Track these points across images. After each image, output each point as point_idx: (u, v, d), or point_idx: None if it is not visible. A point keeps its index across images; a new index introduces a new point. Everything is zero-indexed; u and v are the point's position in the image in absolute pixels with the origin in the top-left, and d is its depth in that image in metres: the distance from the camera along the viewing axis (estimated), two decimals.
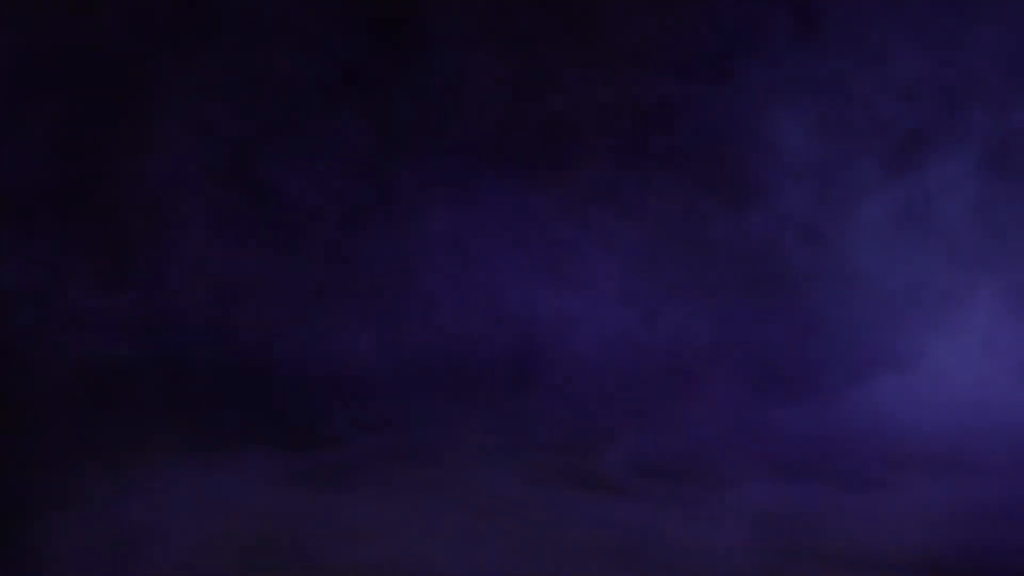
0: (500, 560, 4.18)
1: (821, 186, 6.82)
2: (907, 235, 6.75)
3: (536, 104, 6.86)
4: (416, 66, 6.89)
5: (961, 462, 5.53)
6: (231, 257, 6.89)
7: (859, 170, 6.77)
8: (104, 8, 6.54)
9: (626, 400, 6.64)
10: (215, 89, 6.81)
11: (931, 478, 5.30)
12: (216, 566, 4.06)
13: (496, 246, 6.96)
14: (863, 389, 6.48)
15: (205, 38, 6.79)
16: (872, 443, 5.79)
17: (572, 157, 6.89)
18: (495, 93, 6.87)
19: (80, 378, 6.45)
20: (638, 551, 4.29)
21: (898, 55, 6.71)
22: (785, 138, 6.80)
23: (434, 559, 4.19)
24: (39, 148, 6.64)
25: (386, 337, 6.91)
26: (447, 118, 6.90)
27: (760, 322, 6.79)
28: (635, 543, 4.39)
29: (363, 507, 4.81)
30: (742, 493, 5.01)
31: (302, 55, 6.87)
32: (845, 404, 6.35)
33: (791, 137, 6.79)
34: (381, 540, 4.39)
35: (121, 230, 6.77)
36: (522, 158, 6.90)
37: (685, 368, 6.73)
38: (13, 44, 6.53)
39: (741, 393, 6.56)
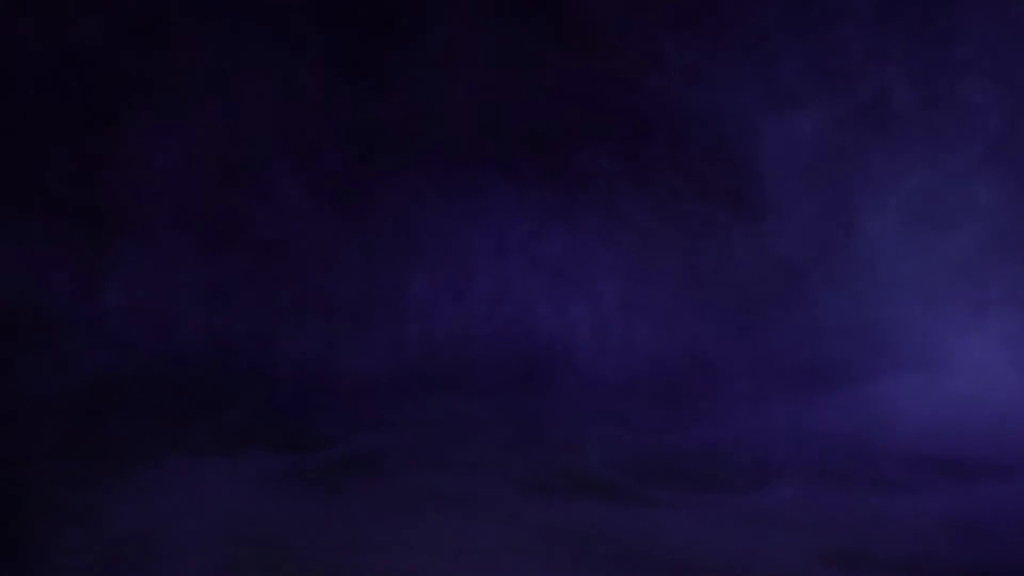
0: (502, 566, 4.16)
1: (834, 189, 6.80)
2: (928, 237, 6.73)
3: (536, 107, 6.84)
4: (412, 68, 6.88)
5: (984, 463, 5.52)
6: (227, 260, 6.88)
7: (874, 173, 6.75)
8: (91, 15, 6.52)
9: (631, 404, 6.63)
10: (206, 92, 6.79)
11: (952, 479, 5.28)
12: (214, 568, 4.04)
13: (496, 249, 6.95)
14: (883, 391, 6.46)
15: (192, 43, 6.77)
16: (893, 444, 5.78)
17: (574, 161, 6.87)
18: (494, 96, 6.85)
19: (76, 383, 6.43)
20: (641, 554, 4.27)
21: (906, 54, 6.69)
22: (795, 141, 6.78)
23: (432, 562, 4.17)
24: (30, 152, 6.63)
25: (384, 339, 6.89)
26: (447, 121, 6.88)
27: (772, 325, 6.77)
28: (638, 546, 4.37)
29: (360, 509, 4.79)
30: (756, 497, 4.99)
31: (291, 56, 6.85)
32: (865, 406, 6.33)
33: (802, 139, 6.77)
34: (378, 543, 4.38)
35: (114, 235, 6.75)
36: (525, 162, 6.89)
37: (696, 372, 6.71)
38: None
39: (753, 395, 6.55)
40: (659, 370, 6.79)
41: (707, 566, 4.19)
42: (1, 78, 6.41)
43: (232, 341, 6.69)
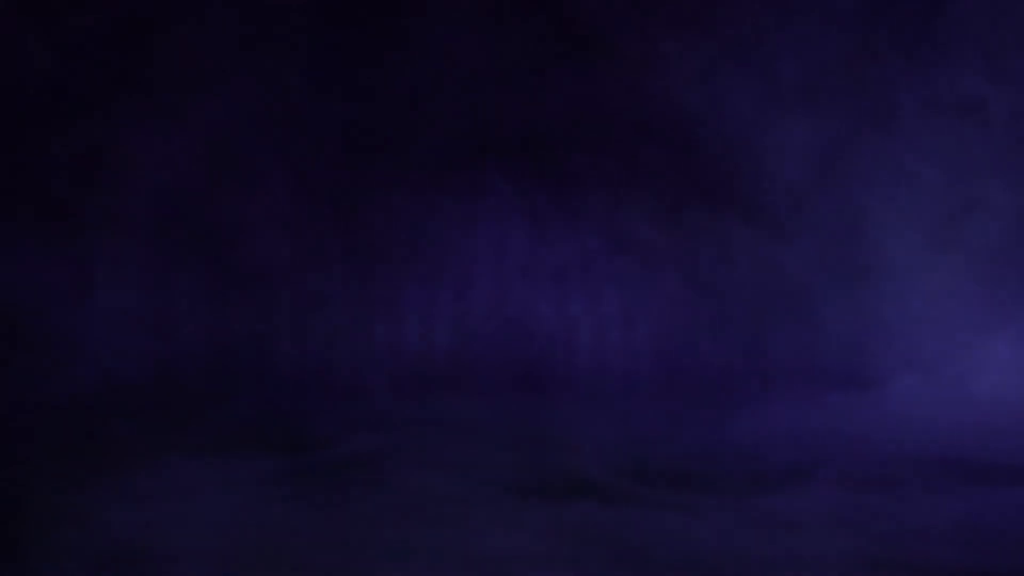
0: (502, 570, 4.14)
1: (838, 190, 6.77)
2: (939, 239, 6.70)
3: (537, 108, 6.83)
4: (413, 68, 6.86)
5: (1000, 466, 5.49)
6: (226, 261, 6.86)
7: (880, 174, 6.72)
8: (88, 15, 6.51)
9: (632, 406, 6.61)
10: (204, 92, 6.77)
11: (967, 482, 5.25)
12: (211, 570, 4.04)
13: (496, 250, 6.93)
14: (891, 394, 6.44)
15: (190, 43, 6.75)
16: (904, 447, 5.75)
17: (575, 162, 6.86)
18: (495, 97, 6.84)
19: (74, 384, 6.42)
20: (642, 557, 4.26)
21: (911, 54, 6.66)
22: (799, 143, 6.76)
23: (432, 566, 4.16)
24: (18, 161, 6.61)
25: (384, 339, 6.88)
26: (448, 122, 6.86)
27: (776, 328, 6.75)
28: (640, 549, 4.35)
29: (358, 511, 4.78)
30: (760, 500, 4.96)
31: (292, 57, 6.84)
32: (874, 409, 6.30)
33: (805, 141, 6.75)
34: (376, 547, 4.37)
35: (113, 237, 6.74)
36: (525, 163, 6.87)
37: (697, 374, 6.69)
38: None
39: (756, 398, 6.53)
40: (660, 372, 6.77)
41: (708, 571, 4.17)
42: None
43: (232, 341, 6.68)
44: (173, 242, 6.75)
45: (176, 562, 4.17)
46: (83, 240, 6.67)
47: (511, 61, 6.72)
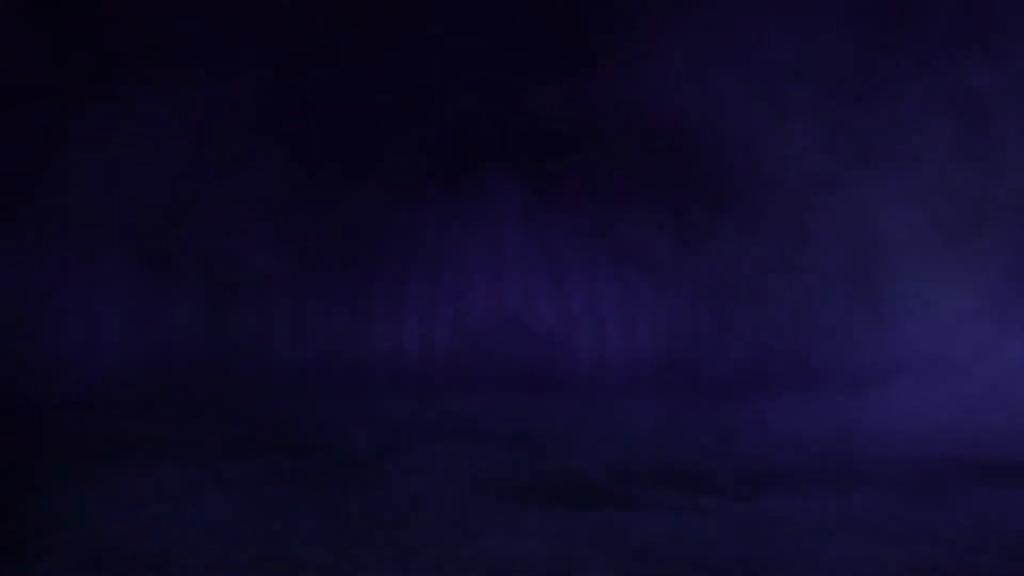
0: (502, 573, 4.14)
1: (841, 192, 6.77)
2: (945, 240, 6.70)
3: (538, 110, 6.83)
4: (415, 69, 6.86)
5: (994, 466, 5.48)
6: (224, 263, 6.86)
7: (882, 176, 6.72)
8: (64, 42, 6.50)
9: (631, 407, 6.62)
10: (204, 89, 6.78)
11: (962, 482, 5.24)
12: (204, 571, 4.03)
13: (497, 250, 6.94)
14: (902, 395, 6.44)
15: (188, 37, 6.76)
16: (899, 446, 5.75)
17: (575, 163, 6.86)
18: (499, 99, 6.84)
19: (75, 386, 6.43)
20: (641, 559, 4.25)
21: (916, 57, 6.66)
22: (799, 145, 6.75)
23: (429, 571, 4.15)
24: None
25: (384, 340, 6.88)
26: (449, 123, 6.87)
27: (778, 329, 6.75)
28: (640, 551, 4.35)
29: (355, 515, 4.77)
30: (762, 502, 4.95)
31: (290, 54, 6.83)
32: (882, 411, 6.30)
33: (806, 144, 6.75)
34: (372, 552, 4.36)
35: (111, 239, 6.74)
36: (527, 165, 6.87)
37: (699, 376, 6.69)
38: None
39: (758, 399, 6.53)
40: (661, 373, 6.77)
41: (709, 572, 4.16)
42: None
43: (231, 343, 6.68)
44: (174, 245, 6.76)
45: (175, 562, 4.17)
46: (84, 242, 6.67)
47: (510, 63, 6.72)
